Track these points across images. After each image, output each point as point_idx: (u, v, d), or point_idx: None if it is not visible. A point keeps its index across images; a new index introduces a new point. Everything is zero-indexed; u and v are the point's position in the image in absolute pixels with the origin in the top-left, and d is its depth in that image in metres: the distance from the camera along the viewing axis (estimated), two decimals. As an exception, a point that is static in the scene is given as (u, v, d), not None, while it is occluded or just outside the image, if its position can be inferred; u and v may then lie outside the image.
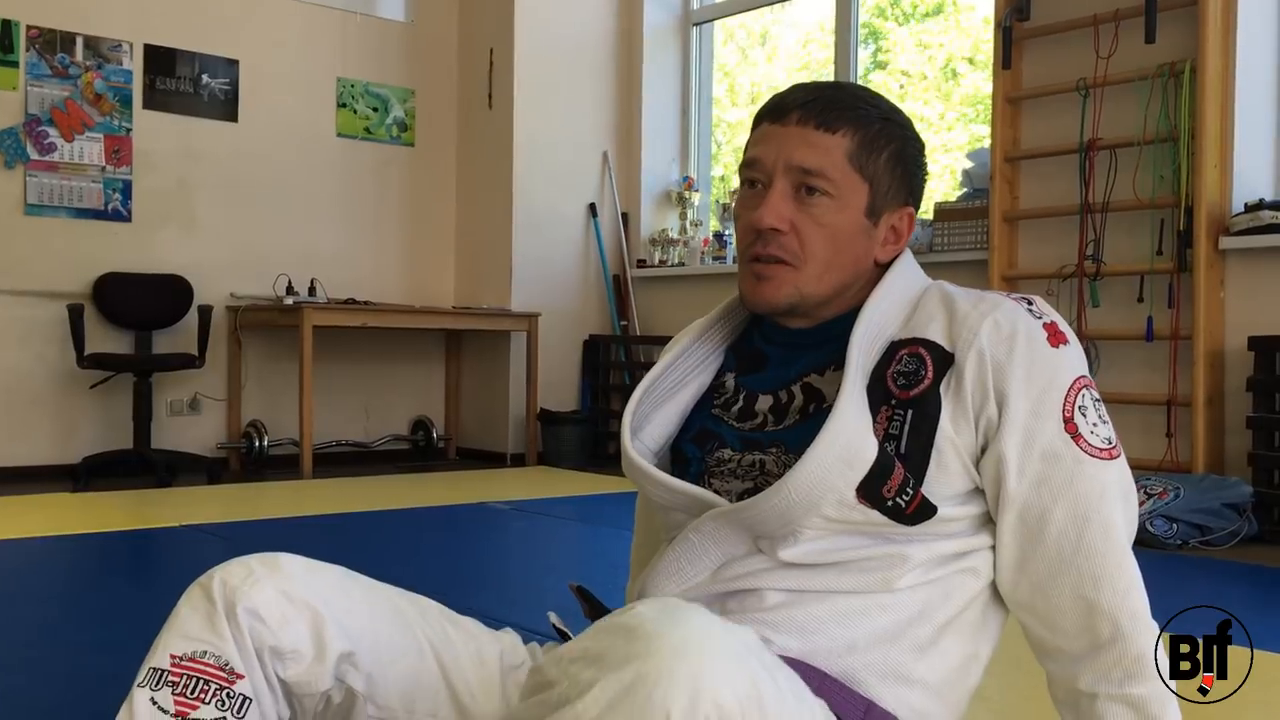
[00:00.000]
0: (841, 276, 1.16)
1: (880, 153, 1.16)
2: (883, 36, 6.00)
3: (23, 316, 4.92)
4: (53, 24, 4.99)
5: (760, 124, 1.19)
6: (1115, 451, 1.10)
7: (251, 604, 1.05)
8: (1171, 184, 3.91)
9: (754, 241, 1.15)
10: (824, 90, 1.17)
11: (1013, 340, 1.08)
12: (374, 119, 5.88)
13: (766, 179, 1.15)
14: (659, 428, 1.23)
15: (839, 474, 1.04)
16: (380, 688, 1.11)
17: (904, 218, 1.20)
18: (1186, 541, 3.46)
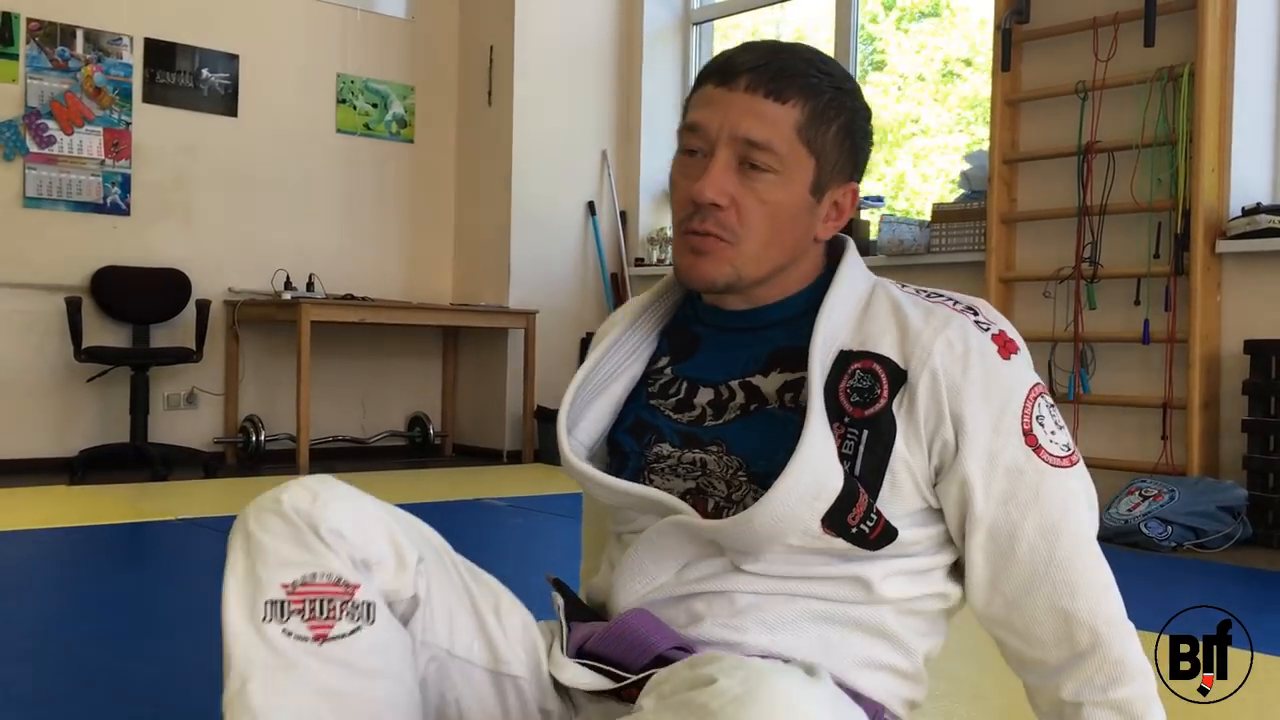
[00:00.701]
0: (780, 256, 1.12)
1: (830, 125, 1.10)
2: (878, 39, 6.01)
3: (21, 309, 4.92)
4: (53, 17, 4.99)
5: (704, 84, 1.11)
6: (1075, 458, 1.10)
7: (332, 523, 1.03)
8: (1169, 187, 3.92)
9: (692, 215, 1.10)
10: (776, 54, 1.09)
11: (966, 359, 1.05)
12: (373, 115, 5.88)
13: (708, 147, 1.09)
14: (593, 423, 1.19)
15: (805, 507, 1.02)
16: (431, 605, 1.10)
17: (848, 194, 1.15)
18: (1181, 544, 3.47)
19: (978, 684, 2.01)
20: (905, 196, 6.10)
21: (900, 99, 6.15)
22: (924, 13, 6.02)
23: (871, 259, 4.82)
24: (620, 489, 1.13)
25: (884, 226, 4.76)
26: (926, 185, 6.05)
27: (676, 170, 1.13)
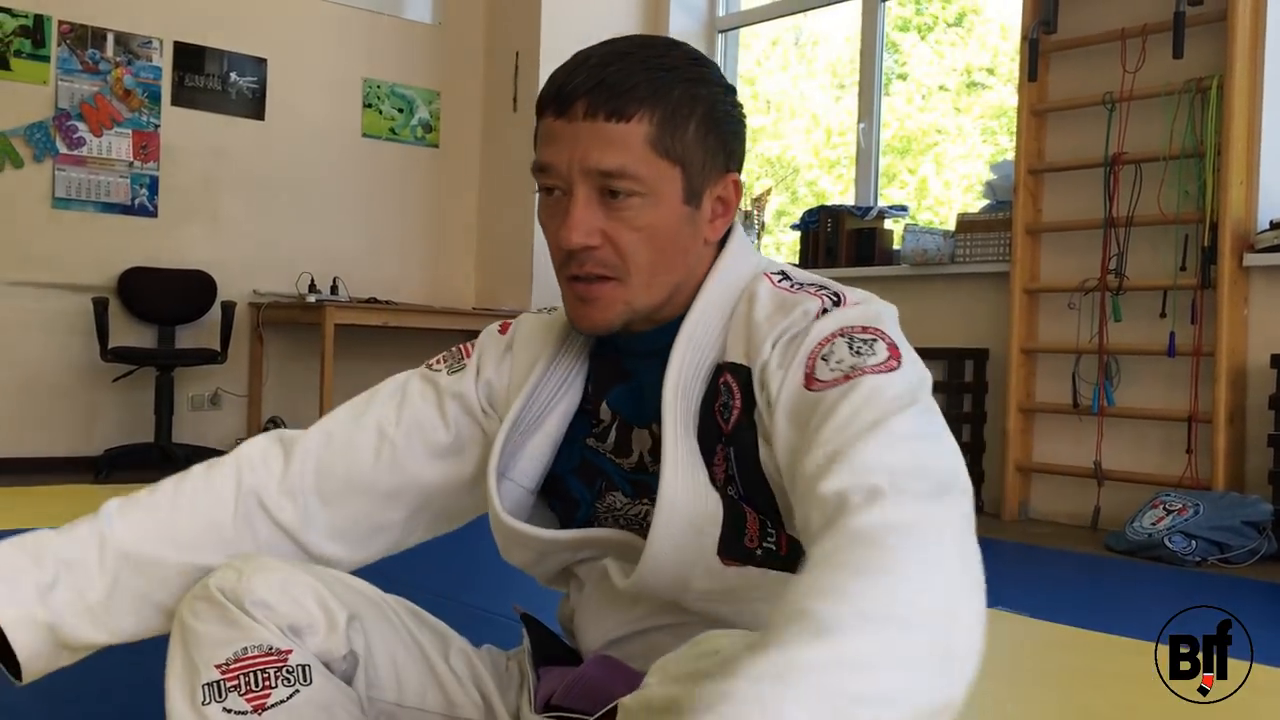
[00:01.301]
0: (672, 276, 1.04)
1: (686, 126, 1.01)
2: (899, 49, 6.00)
3: (48, 309, 4.96)
4: (84, 20, 5.04)
5: (544, 116, 1.03)
6: (864, 369, 0.92)
7: (256, 596, 1.06)
8: (1196, 200, 3.90)
9: (567, 260, 1.03)
10: (609, 65, 1.01)
11: (786, 337, 0.99)
12: (399, 120, 5.91)
13: (565, 185, 1.01)
14: (531, 462, 1.13)
15: (692, 547, 0.98)
16: (374, 660, 1.12)
17: (729, 185, 1.07)
18: (1205, 559, 3.45)
19: (978, 685, 2.00)
20: (929, 206, 6.09)
21: (924, 109, 6.13)
22: (949, 23, 6.00)
23: (895, 268, 4.81)
24: (567, 541, 1.10)
25: (908, 236, 4.75)
26: (950, 192, 6.04)
27: (541, 212, 1.05)
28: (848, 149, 5.73)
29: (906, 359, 0.93)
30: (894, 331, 0.97)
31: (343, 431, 1.17)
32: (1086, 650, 2.32)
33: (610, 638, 1.11)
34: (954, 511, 0.81)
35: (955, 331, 4.60)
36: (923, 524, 0.78)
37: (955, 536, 0.80)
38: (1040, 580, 3.39)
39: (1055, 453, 4.32)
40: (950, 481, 0.83)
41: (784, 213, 6.21)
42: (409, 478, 1.16)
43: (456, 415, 1.18)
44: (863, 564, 0.74)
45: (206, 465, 1.15)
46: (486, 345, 1.22)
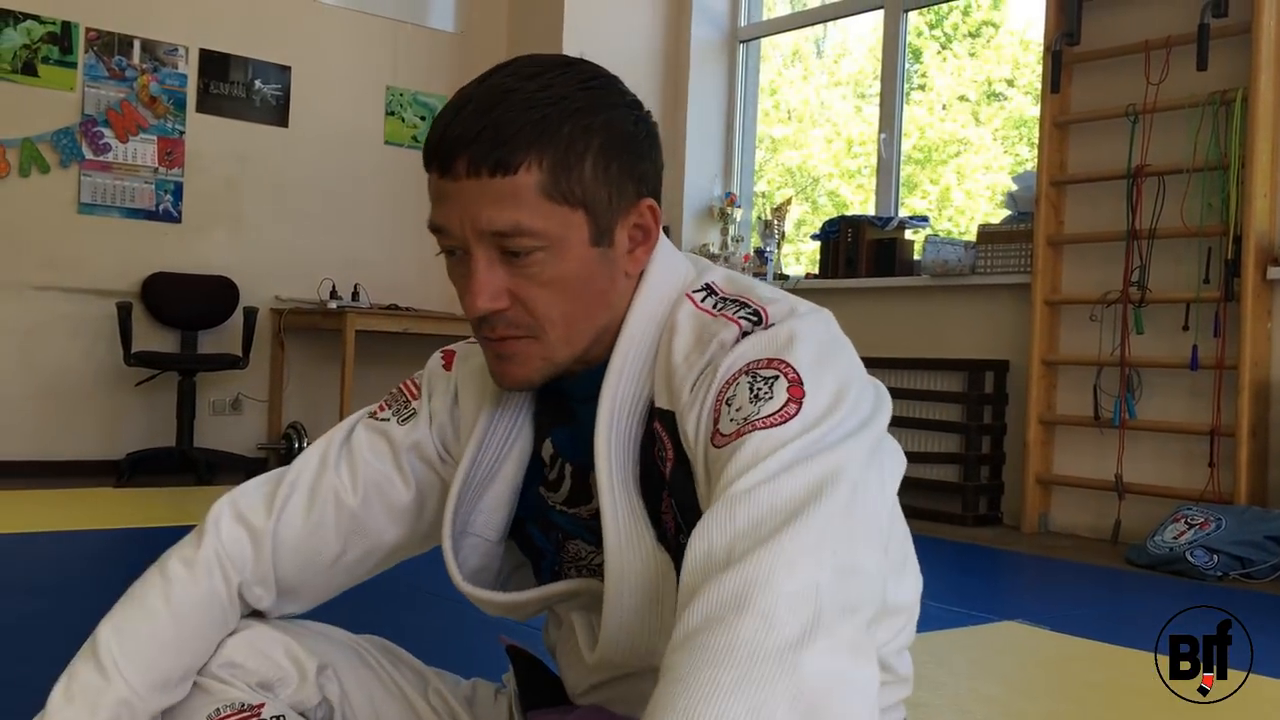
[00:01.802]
0: (593, 323, 0.96)
1: (581, 164, 0.91)
2: (920, 59, 5.99)
3: (73, 313, 5.01)
4: (111, 27, 5.09)
5: (430, 172, 0.94)
6: (753, 425, 0.84)
7: (224, 658, 1.07)
8: (1220, 212, 3.88)
9: (479, 324, 0.95)
10: (488, 112, 0.90)
11: (701, 378, 0.91)
12: (422, 128, 5.94)
13: (462, 245, 0.93)
14: (492, 513, 1.07)
15: (650, 616, 0.94)
16: (350, 704, 1.12)
17: (644, 212, 0.97)
18: (1227, 573, 3.42)
19: (982, 689, 1.99)
20: (949, 216, 6.08)
21: (945, 118, 6.13)
22: (971, 33, 5.99)
23: (915, 279, 4.80)
24: (535, 598, 1.07)
25: (928, 247, 4.74)
26: (971, 203, 6.02)
27: (448, 270, 0.98)
28: (869, 159, 5.73)
29: (812, 392, 0.84)
30: (805, 356, 0.87)
31: (301, 513, 1.10)
32: (1106, 664, 2.31)
33: (591, 683, 1.09)
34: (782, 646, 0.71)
35: (976, 343, 4.58)
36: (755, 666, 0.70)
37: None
38: (1060, 593, 3.38)
39: (1076, 465, 4.30)
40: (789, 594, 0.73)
41: (804, 222, 6.21)
42: (372, 542, 1.12)
43: (415, 468, 1.11)
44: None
45: (186, 565, 1.08)
46: (435, 385, 1.14)
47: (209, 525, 1.10)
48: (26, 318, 4.92)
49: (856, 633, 0.73)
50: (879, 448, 0.87)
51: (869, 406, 0.88)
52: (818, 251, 5.24)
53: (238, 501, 1.12)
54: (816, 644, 0.70)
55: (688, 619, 0.73)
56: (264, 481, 1.14)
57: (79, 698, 1.01)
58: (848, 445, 0.82)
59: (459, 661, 1.28)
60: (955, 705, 1.90)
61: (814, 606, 0.72)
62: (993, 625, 2.58)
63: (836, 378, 0.87)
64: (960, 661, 2.18)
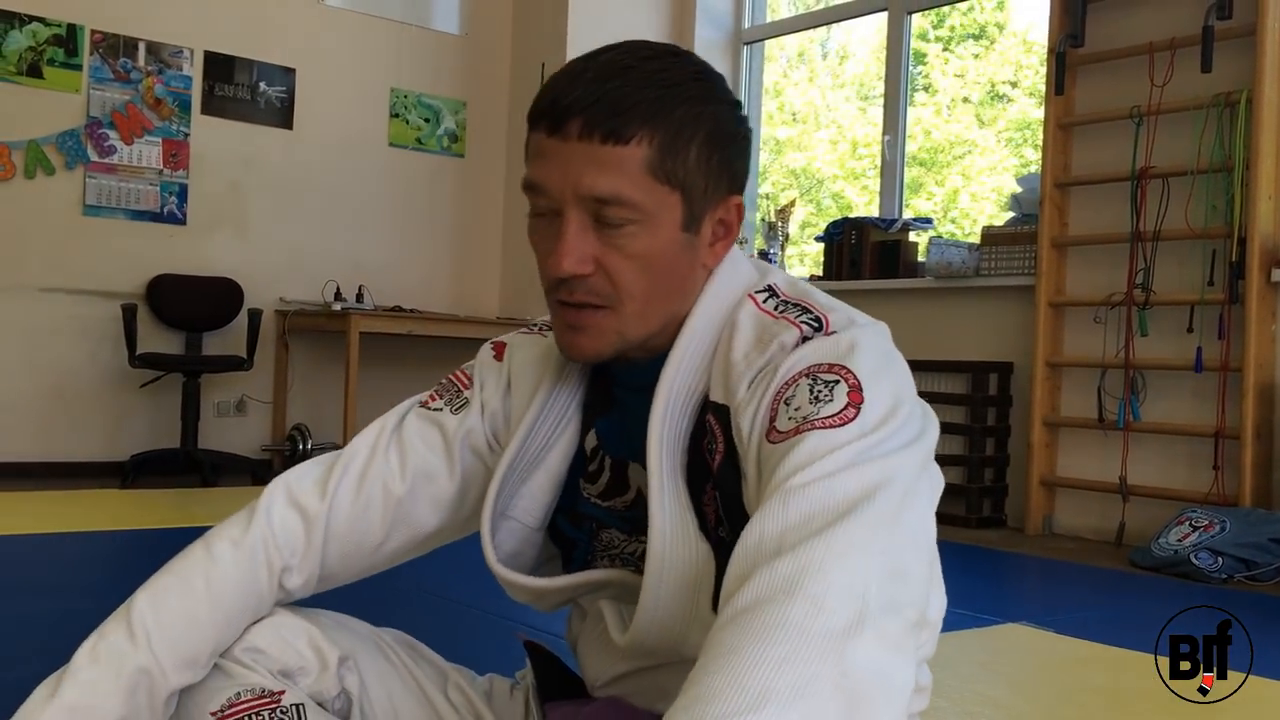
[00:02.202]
0: (668, 306, 0.98)
1: (688, 149, 0.94)
2: (925, 60, 5.99)
3: (78, 315, 5.01)
4: (116, 29, 5.10)
5: (536, 130, 0.96)
6: (812, 425, 0.85)
7: (247, 643, 1.08)
8: (1224, 214, 3.87)
9: (557, 286, 0.96)
10: (608, 81, 0.93)
11: (760, 377, 0.93)
12: (425, 129, 5.95)
13: (556, 207, 0.95)
14: (533, 500, 1.09)
15: (686, 604, 0.95)
16: (369, 697, 1.13)
17: (731, 209, 1.00)
18: (1231, 576, 3.42)
19: (990, 691, 1.99)
20: (953, 219, 6.07)
21: (951, 120, 6.13)
22: (975, 35, 5.99)
23: (919, 281, 4.80)
24: (564, 586, 1.07)
25: (932, 249, 4.74)
26: (975, 205, 6.02)
27: (532, 233, 0.99)
28: (873, 160, 5.72)
29: (870, 399, 0.86)
30: (866, 364, 0.89)
31: (349, 499, 1.11)
32: (1111, 667, 2.30)
33: (613, 675, 1.10)
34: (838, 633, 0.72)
35: (980, 345, 4.58)
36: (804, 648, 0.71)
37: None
38: (1064, 596, 3.37)
39: (1080, 467, 4.30)
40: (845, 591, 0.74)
41: (808, 224, 6.21)
42: (414, 531, 1.13)
43: (464, 458, 1.12)
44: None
45: (233, 545, 1.08)
46: (486, 375, 1.15)
47: (261, 508, 1.10)
48: (32, 319, 4.93)
49: (901, 632, 0.75)
50: (927, 464, 0.89)
51: (918, 425, 0.89)
52: (821, 253, 5.24)
53: (292, 484, 1.12)
54: (863, 635, 0.71)
55: (737, 600, 0.75)
56: (317, 464, 1.14)
57: (104, 659, 1.02)
58: (901, 455, 0.84)
59: (462, 661, 1.28)
60: (960, 708, 1.90)
61: (862, 600, 0.73)
62: (997, 627, 2.58)
63: (893, 390, 0.89)
64: (965, 664, 2.18)
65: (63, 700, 0.99)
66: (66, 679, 1.01)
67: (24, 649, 2.07)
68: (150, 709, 1.02)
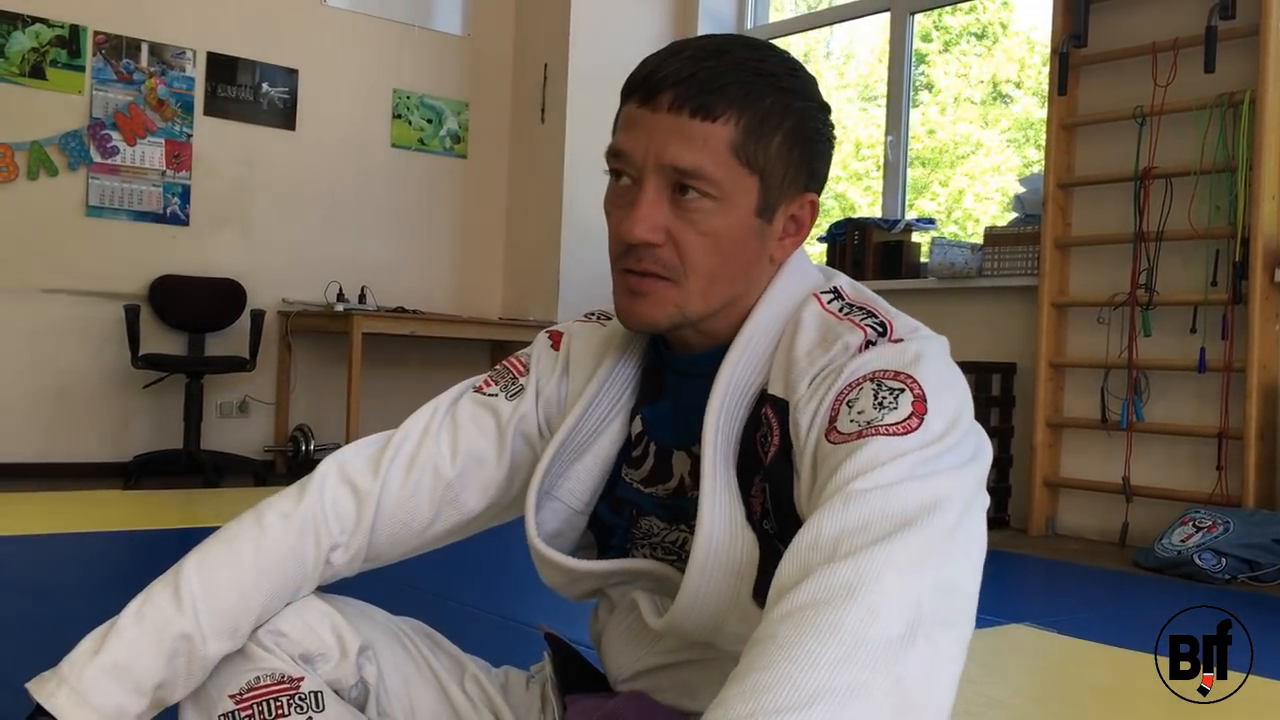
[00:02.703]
0: (731, 288, 1.00)
1: (772, 137, 0.96)
2: (927, 60, 5.99)
3: (81, 316, 5.02)
4: (119, 30, 5.10)
5: (628, 101, 0.98)
6: (876, 430, 0.86)
7: (272, 626, 1.08)
8: (1228, 214, 3.87)
9: (625, 253, 0.98)
10: (703, 60, 0.95)
11: (822, 375, 0.94)
12: (428, 130, 5.95)
13: (637, 174, 0.97)
14: (579, 482, 1.10)
15: (728, 590, 0.96)
16: (386, 687, 1.13)
17: (805, 205, 1.02)
18: (1235, 576, 3.41)
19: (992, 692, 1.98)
20: (957, 219, 6.07)
21: (957, 119, 6.12)
22: (978, 34, 5.99)
23: (922, 281, 4.80)
24: (601, 570, 1.08)
25: (935, 249, 4.73)
26: (978, 205, 6.02)
27: (608, 199, 1.01)
28: (876, 161, 5.72)
29: (933, 412, 0.87)
30: (930, 376, 0.91)
31: (400, 479, 1.12)
32: (1115, 667, 2.30)
33: (637, 669, 1.10)
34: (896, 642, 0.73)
35: (983, 345, 4.58)
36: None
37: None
38: (1067, 596, 3.37)
39: (1083, 468, 4.29)
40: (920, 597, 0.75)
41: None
42: (459, 513, 1.14)
43: (515, 445, 1.14)
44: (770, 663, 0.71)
45: (283, 518, 1.09)
46: (542, 362, 1.17)
47: (314, 483, 1.11)
48: (35, 320, 4.93)
49: (953, 646, 0.76)
50: (983, 484, 0.89)
51: (974, 443, 0.90)
52: (824, 253, 5.24)
53: (345, 462, 1.13)
54: (916, 646, 0.72)
55: (793, 596, 0.75)
56: (369, 443, 1.15)
57: (149, 620, 1.03)
58: (960, 473, 0.85)
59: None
60: (964, 709, 1.90)
61: (916, 612, 0.74)
62: (1001, 628, 2.58)
63: (954, 405, 0.90)
64: (968, 665, 2.17)
65: (105, 658, 1.01)
66: (111, 636, 1.03)
67: (27, 650, 2.07)
68: (188, 673, 1.04)
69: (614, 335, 1.12)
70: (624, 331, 1.11)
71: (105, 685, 1.00)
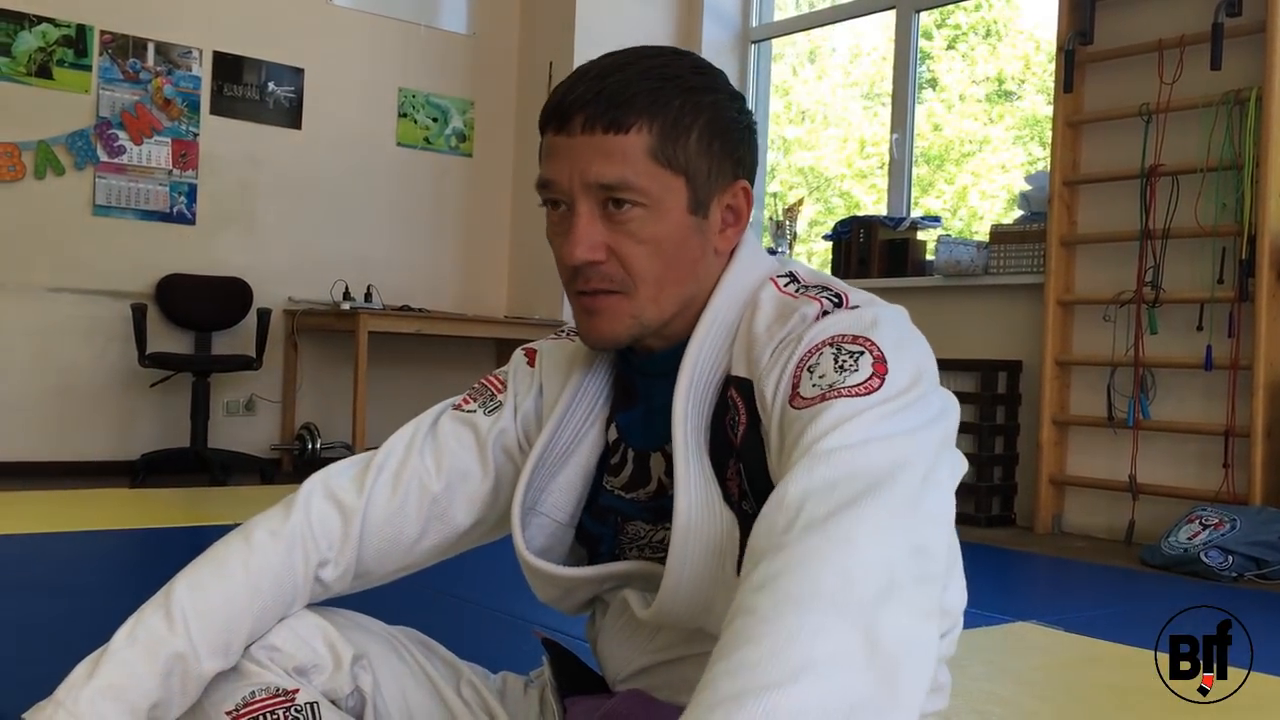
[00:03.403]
0: (681, 289, 1.01)
1: (688, 135, 0.99)
2: (930, 57, 5.98)
3: (88, 315, 5.03)
4: (126, 30, 5.11)
5: (546, 132, 1.01)
6: (838, 392, 0.88)
7: (265, 641, 1.09)
8: (1234, 212, 3.86)
9: (574, 276, 1.00)
10: (607, 77, 0.98)
11: (782, 346, 0.96)
12: (433, 129, 5.95)
13: (568, 200, 0.99)
14: (562, 495, 1.12)
15: (711, 570, 0.97)
16: (382, 696, 1.14)
17: (738, 194, 1.04)
18: (1242, 574, 3.41)
19: (996, 689, 1.98)
20: (962, 217, 6.06)
21: (964, 116, 6.11)
22: (987, 31, 5.98)
23: (928, 279, 4.79)
24: (593, 576, 1.08)
25: (940, 247, 4.73)
26: (984, 203, 6.01)
27: (549, 228, 1.04)
28: (881, 159, 5.72)
29: (894, 371, 0.89)
30: (889, 337, 0.92)
31: (386, 495, 1.14)
32: (1121, 665, 2.30)
33: (635, 668, 1.11)
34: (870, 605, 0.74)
35: (989, 343, 4.57)
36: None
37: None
38: (1074, 594, 3.37)
39: (1090, 466, 4.29)
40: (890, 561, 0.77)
41: (817, 223, 6.20)
42: (449, 528, 1.15)
43: (497, 458, 1.15)
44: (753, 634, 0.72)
45: (272, 535, 1.10)
46: (519, 378, 1.19)
47: (299, 501, 1.12)
48: (42, 319, 4.94)
49: (928, 601, 0.77)
50: (948, 444, 0.91)
51: (939, 402, 0.92)
52: (829, 252, 5.24)
53: (329, 479, 1.14)
54: (891, 605, 0.73)
55: (766, 566, 0.76)
56: (353, 463, 1.17)
57: (141, 642, 1.04)
58: (924, 433, 0.86)
59: (474, 661, 1.28)
60: (970, 707, 1.90)
61: (889, 573, 0.75)
62: (1007, 626, 2.58)
63: (914, 363, 0.92)
64: (975, 663, 2.18)
65: (100, 681, 1.02)
66: (105, 659, 1.03)
67: (35, 648, 2.08)
68: (183, 692, 1.04)
69: (583, 348, 1.13)
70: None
71: (101, 707, 1.01)
